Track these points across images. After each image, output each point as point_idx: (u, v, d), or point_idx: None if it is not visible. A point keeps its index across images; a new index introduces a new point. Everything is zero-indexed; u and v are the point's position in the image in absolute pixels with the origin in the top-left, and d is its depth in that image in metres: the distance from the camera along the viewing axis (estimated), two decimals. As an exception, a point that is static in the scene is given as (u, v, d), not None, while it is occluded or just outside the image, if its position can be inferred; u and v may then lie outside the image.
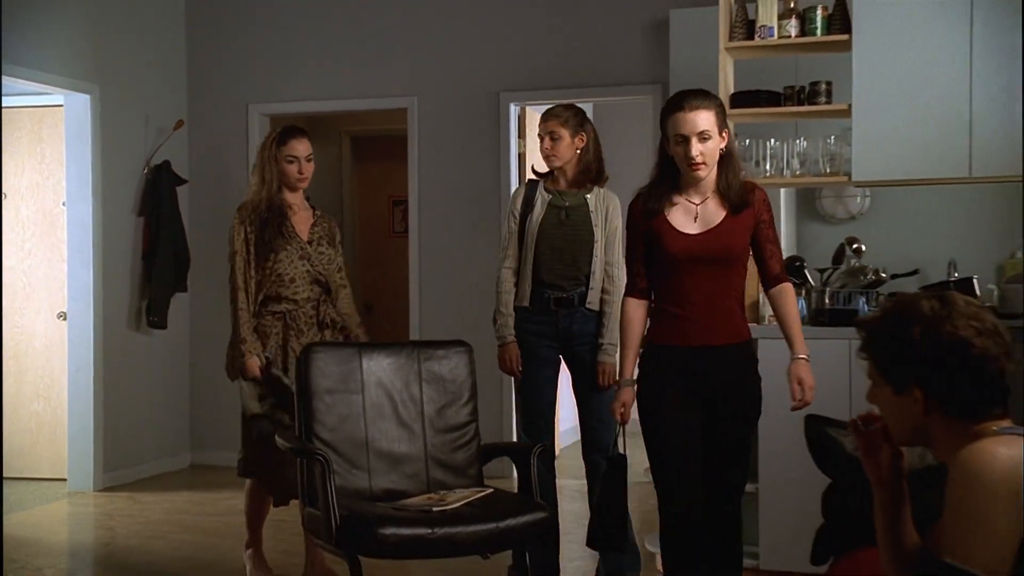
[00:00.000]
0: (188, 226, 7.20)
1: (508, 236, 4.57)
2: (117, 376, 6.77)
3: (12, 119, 6.86)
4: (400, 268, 7.40)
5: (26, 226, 6.92)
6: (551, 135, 4.47)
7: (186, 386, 7.41)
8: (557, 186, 4.52)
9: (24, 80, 6.22)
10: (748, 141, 4.94)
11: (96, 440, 6.63)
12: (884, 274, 5.14)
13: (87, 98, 6.60)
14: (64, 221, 6.74)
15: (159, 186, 6.95)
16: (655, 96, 6.49)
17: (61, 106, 6.70)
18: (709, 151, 3.48)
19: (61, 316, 6.79)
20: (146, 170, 6.99)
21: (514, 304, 4.52)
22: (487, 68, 6.91)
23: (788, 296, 3.64)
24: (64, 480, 6.69)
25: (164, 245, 6.92)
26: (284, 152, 4.47)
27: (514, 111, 6.91)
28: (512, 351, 4.52)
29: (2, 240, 6.10)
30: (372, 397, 4.04)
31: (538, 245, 4.45)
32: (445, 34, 7.00)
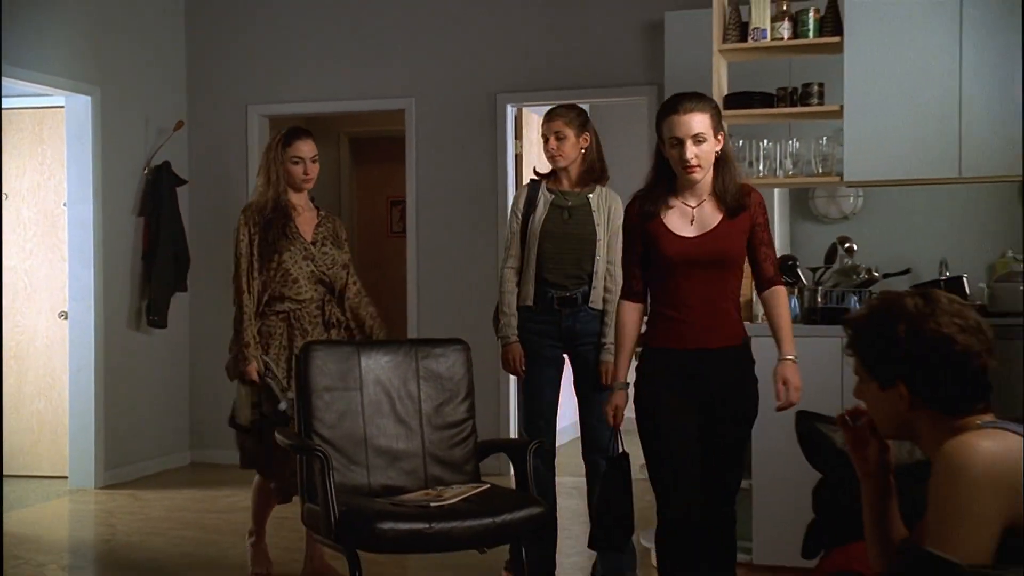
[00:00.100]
0: (188, 226, 7.24)
1: (510, 237, 4.58)
2: (118, 375, 6.81)
3: (13, 120, 6.90)
4: (398, 268, 7.45)
5: (27, 226, 6.96)
6: (556, 135, 4.46)
7: (186, 385, 7.44)
8: (560, 186, 4.53)
9: (25, 82, 6.26)
10: (741, 142, 4.97)
11: (97, 438, 6.67)
12: (876, 273, 5.17)
13: (88, 99, 6.64)
14: (65, 221, 6.78)
15: (159, 186, 6.98)
16: (650, 97, 6.53)
17: (62, 107, 6.73)
18: (704, 154, 3.47)
19: (62, 315, 6.83)
20: (146, 171, 7.02)
21: (518, 304, 4.53)
22: (484, 70, 6.94)
23: (781, 299, 3.65)
24: (65, 478, 6.72)
25: (164, 245, 6.96)
26: (289, 153, 4.50)
27: (511, 112, 6.95)
28: (515, 351, 4.52)
29: (2, 240, 6.13)
30: (370, 394, 4.07)
31: (541, 245, 4.46)
32: (443, 36, 7.03)
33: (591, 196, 4.50)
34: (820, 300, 4.87)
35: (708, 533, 3.58)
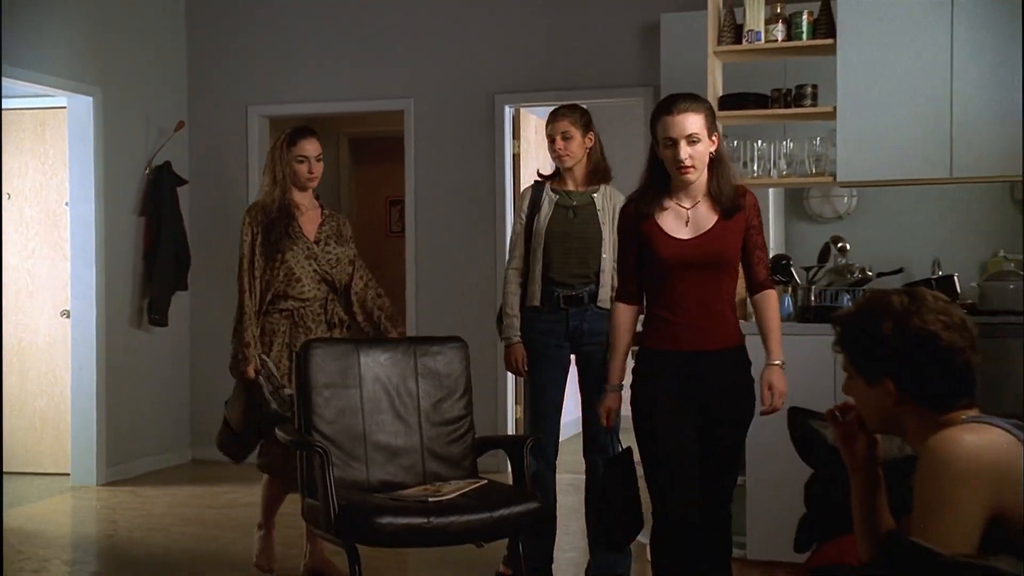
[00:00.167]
0: (188, 226, 7.28)
1: (515, 237, 4.58)
2: (119, 373, 6.85)
3: (16, 121, 6.94)
4: (397, 267, 7.48)
5: (30, 226, 7.00)
6: (563, 135, 4.45)
7: (187, 382, 7.49)
8: (564, 186, 4.53)
9: (28, 82, 6.30)
10: (736, 142, 5.01)
11: (99, 435, 6.71)
12: (870, 272, 5.22)
13: (89, 100, 6.68)
14: (67, 221, 6.82)
15: (160, 186, 7.02)
16: (646, 98, 6.57)
17: (64, 108, 6.77)
18: (698, 154, 3.44)
19: (64, 314, 6.88)
20: (147, 171, 7.06)
21: (525, 304, 4.51)
22: (482, 71, 6.99)
23: (771, 303, 3.63)
24: (67, 475, 6.77)
25: (165, 244, 6.99)
26: (294, 152, 4.53)
27: (509, 113, 6.99)
28: (518, 352, 4.53)
29: (1, 239, 6.17)
30: (369, 391, 4.12)
31: (547, 245, 4.45)
32: (441, 38, 7.08)
33: (596, 195, 4.50)
34: (813, 299, 4.92)
35: (704, 533, 3.56)
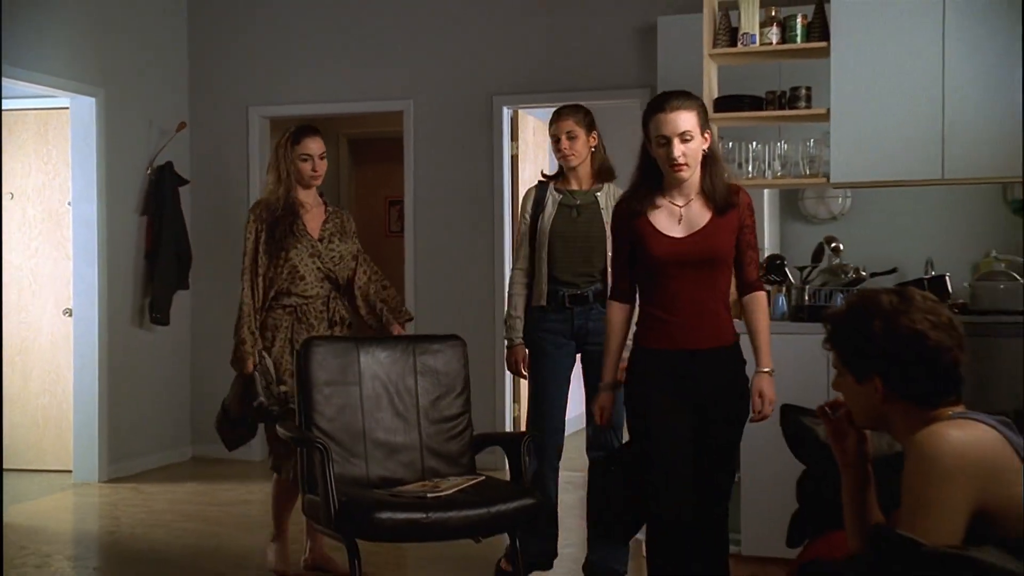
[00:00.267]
0: (190, 225, 7.33)
1: (520, 238, 4.59)
2: (121, 371, 6.90)
3: (19, 121, 7.00)
4: (396, 267, 7.52)
5: (33, 225, 7.05)
6: (568, 134, 4.46)
7: (187, 380, 7.53)
8: (568, 186, 4.53)
9: (31, 83, 6.34)
10: (731, 144, 5.04)
11: (101, 433, 6.75)
12: (864, 272, 5.26)
13: (92, 101, 6.72)
14: (70, 220, 6.86)
15: (162, 186, 7.07)
16: (643, 100, 6.58)
17: (67, 108, 6.81)
18: (691, 152, 3.42)
19: (67, 312, 6.93)
20: (149, 171, 7.11)
21: (532, 304, 4.51)
22: (480, 72, 7.04)
23: (760, 306, 3.61)
24: (69, 472, 6.81)
25: (166, 244, 7.04)
26: (298, 151, 4.58)
27: (507, 114, 7.04)
28: (519, 353, 4.54)
29: (1, 238, 6.21)
30: (369, 389, 4.17)
31: (551, 245, 4.46)
32: (440, 40, 7.12)
33: (599, 194, 4.50)
34: (807, 299, 4.97)
35: (701, 532, 3.54)
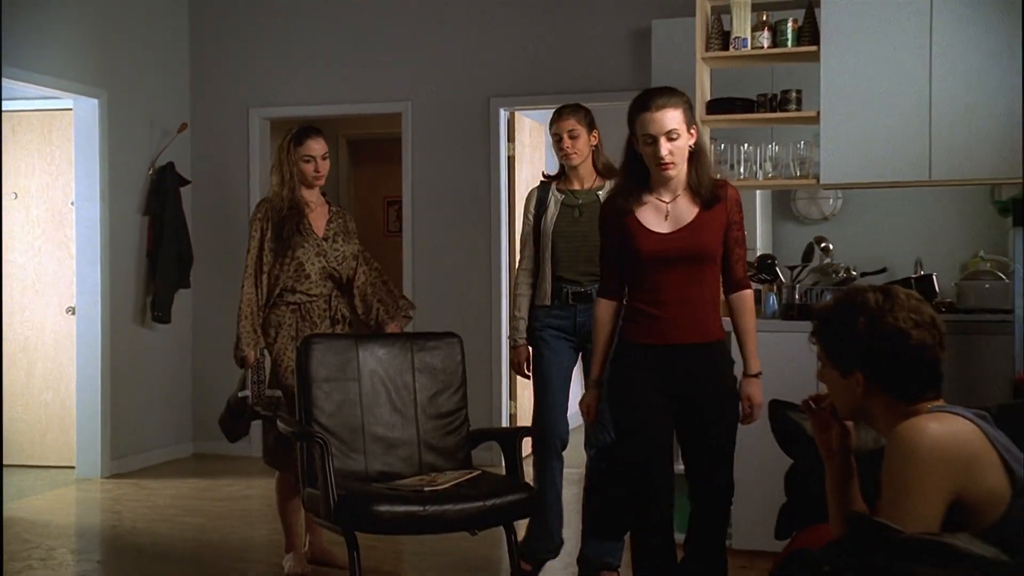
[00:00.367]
0: (191, 225, 7.38)
1: (523, 239, 4.62)
2: (123, 368, 6.96)
3: (23, 122, 7.07)
4: (394, 266, 7.60)
5: (36, 224, 7.12)
6: (569, 133, 4.48)
7: (189, 378, 7.59)
8: (569, 186, 4.55)
9: (35, 85, 6.40)
10: (723, 145, 5.11)
11: (103, 429, 6.81)
12: (854, 272, 5.35)
13: (95, 102, 6.77)
14: (73, 220, 6.92)
15: (163, 187, 7.12)
16: (638, 102, 6.70)
17: (70, 110, 6.87)
18: (678, 150, 3.39)
19: (70, 311, 7.00)
20: (151, 171, 7.17)
21: (536, 303, 4.52)
22: (478, 75, 7.10)
23: (747, 305, 3.58)
24: (72, 468, 6.87)
25: (168, 243, 7.09)
26: (301, 152, 4.64)
27: (504, 115, 7.10)
28: (522, 353, 4.58)
29: (2, 237, 6.27)
30: (368, 385, 4.25)
31: (555, 244, 4.47)
32: (438, 42, 7.19)
33: (600, 193, 4.47)
34: (798, 298, 5.05)
35: (699, 534, 3.55)
